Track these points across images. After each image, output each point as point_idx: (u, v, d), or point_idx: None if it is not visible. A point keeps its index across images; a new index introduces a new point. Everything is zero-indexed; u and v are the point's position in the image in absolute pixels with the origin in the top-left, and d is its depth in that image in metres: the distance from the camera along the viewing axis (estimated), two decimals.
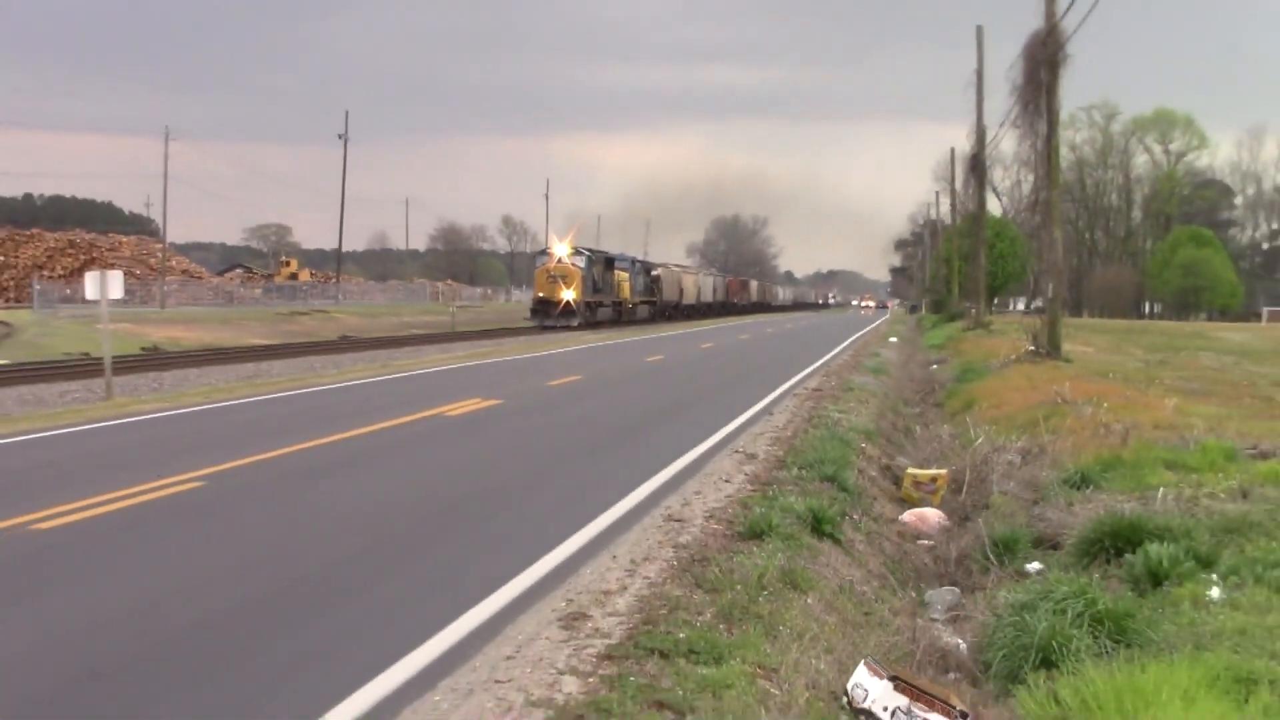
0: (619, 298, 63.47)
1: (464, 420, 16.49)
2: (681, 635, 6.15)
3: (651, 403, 20.25)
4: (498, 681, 5.39)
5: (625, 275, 65.59)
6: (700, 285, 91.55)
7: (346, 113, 75.29)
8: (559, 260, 55.33)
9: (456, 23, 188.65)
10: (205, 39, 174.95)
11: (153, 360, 28.73)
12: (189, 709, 5.16)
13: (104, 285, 19.31)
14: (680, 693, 5.37)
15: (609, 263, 63.19)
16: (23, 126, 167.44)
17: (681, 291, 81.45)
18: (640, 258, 76.45)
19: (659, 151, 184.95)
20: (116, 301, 22.15)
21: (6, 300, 59.75)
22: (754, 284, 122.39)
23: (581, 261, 56.04)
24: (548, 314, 53.28)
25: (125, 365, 24.47)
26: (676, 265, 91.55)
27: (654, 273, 74.52)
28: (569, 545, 8.30)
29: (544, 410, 18.57)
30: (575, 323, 52.70)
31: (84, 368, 24.76)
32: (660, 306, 72.77)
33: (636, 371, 27.95)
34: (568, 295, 53.41)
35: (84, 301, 25.80)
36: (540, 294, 55.08)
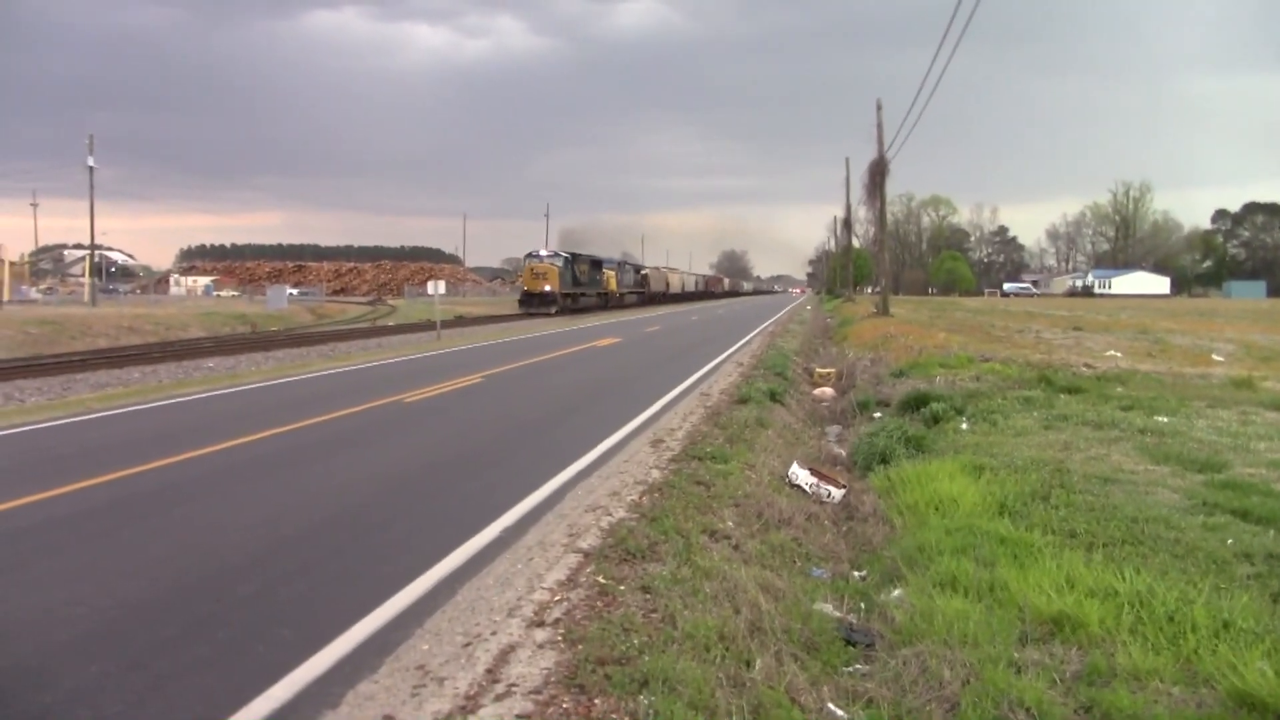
0: (605, 290, 73.60)
1: (607, 349, 29.60)
2: (708, 449, 11.47)
3: (686, 341, 33.66)
4: (620, 472, 10.52)
5: (612, 273, 77.82)
6: (684, 280, 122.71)
7: (548, 203, 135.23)
8: (540, 260, 61.99)
9: (594, 157, 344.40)
10: (475, 167, 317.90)
11: (458, 322, 49.06)
12: (496, 474, 10.10)
13: (436, 287, 41.16)
14: (707, 477, 10.19)
15: (596, 264, 72.86)
16: (396, 214, 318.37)
17: (667, 285, 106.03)
18: (631, 260, 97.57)
19: (693, 218, 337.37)
20: (442, 296, 41.71)
21: (393, 295, 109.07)
22: (725, 280, 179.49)
23: (559, 261, 62.20)
24: (531, 303, 59.41)
25: (446, 325, 42.28)
26: (666, 267, 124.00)
27: (643, 271, 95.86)
28: (654, 407, 14.89)
29: (642, 343, 32.56)
30: (552, 310, 58.32)
31: (427, 326, 41.66)
32: (648, 295, 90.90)
33: (684, 324, 47.89)
34: (546, 288, 59.69)
35: (427, 295, 46.66)
36: (526, 287, 61.47)
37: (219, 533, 7.93)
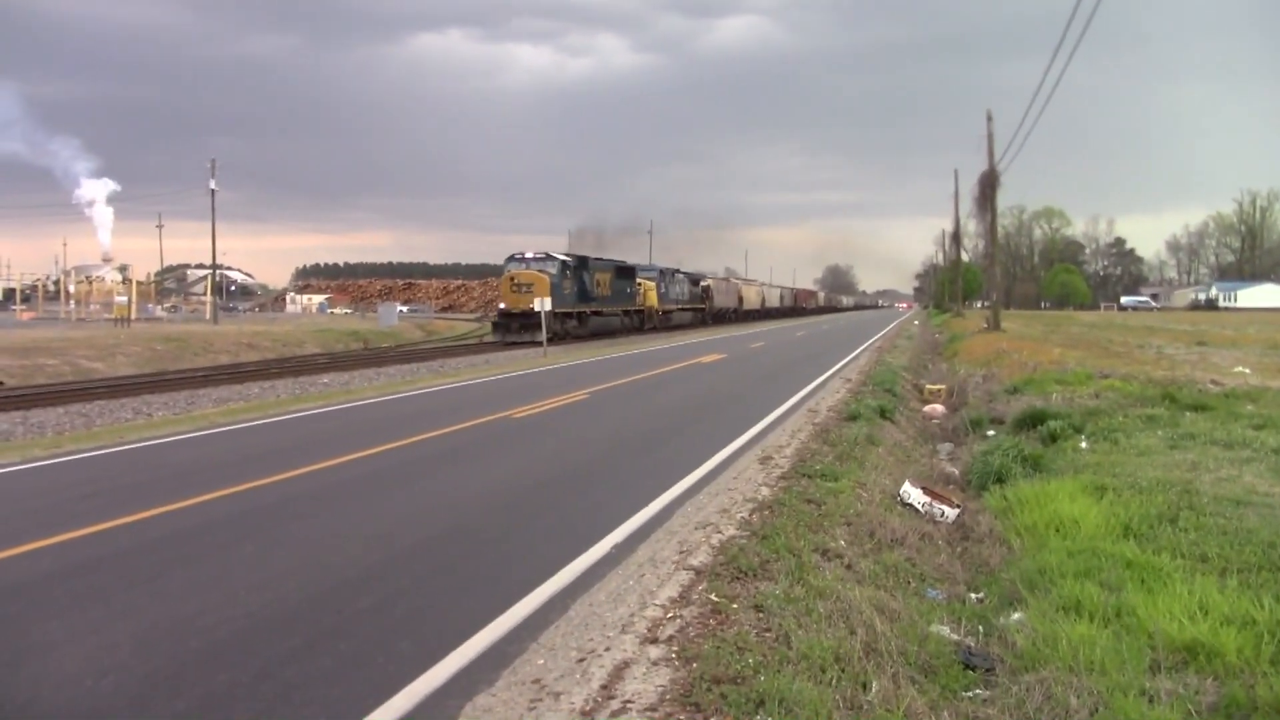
0: (639, 306, 58.31)
1: (711, 365, 29.25)
2: (818, 467, 11.33)
3: (794, 356, 33.75)
4: (729, 489, 10.43)
5: (651, 284, 61.46)
6: (764, 294, 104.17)
7: (651, 221, 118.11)
8: (525, 266, 45.08)
9: (697, 173, 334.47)
10: (578, 184, 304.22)
11: (557, 339, 43.04)
12: (605, 490, 10.03)
13: (542, 304, 36.71)
14: (817, 495, 10.05)
15: (625, 271, 56.97)
16: (502, 232, 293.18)
17: (740, 299, 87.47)
18: (684, 269, 73.02)
19: (797, 233, 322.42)
20: (548, 312, 38.52)
21: (482, 316, 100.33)
22: (821, 294, 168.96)
23: (552, 267, 44.83)
24: (508, 328, 42.84)
25: (551, 341, 39.22)
26: (740, 278, 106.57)
27: (702, 283, 75.81)
28: (761, 424, 14.84)
29: (747, 359, 32.73)
30: (541, 337, 38.28)
31: (533, 342, 39.18)
32: (711, 313, 73.99)
33: (792, 340, 46.88)
34: (531, 305, 38.96)
35: None
36: (503, 304, 44.08)
37: (337, 546, 8.14)
